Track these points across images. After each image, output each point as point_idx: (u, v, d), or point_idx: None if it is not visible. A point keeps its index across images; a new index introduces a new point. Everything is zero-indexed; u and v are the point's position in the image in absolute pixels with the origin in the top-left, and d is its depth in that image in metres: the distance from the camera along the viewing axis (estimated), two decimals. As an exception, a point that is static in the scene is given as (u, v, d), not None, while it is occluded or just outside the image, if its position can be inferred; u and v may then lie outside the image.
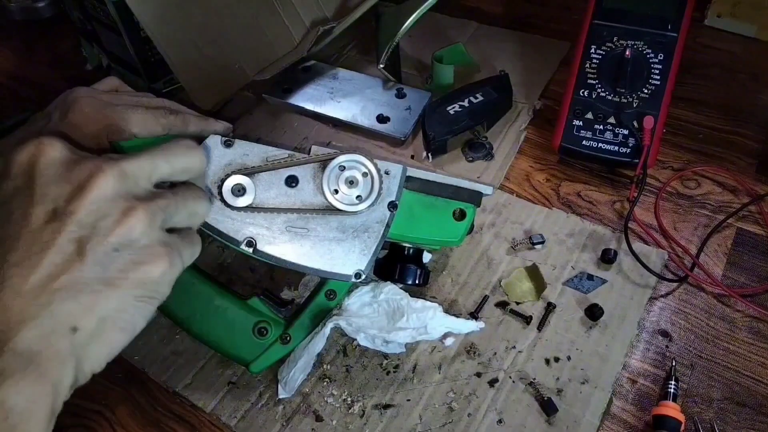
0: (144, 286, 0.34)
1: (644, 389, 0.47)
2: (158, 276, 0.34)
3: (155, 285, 0.35)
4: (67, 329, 0.31)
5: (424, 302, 0.48)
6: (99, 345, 0.33)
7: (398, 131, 0.66)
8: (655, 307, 0.52)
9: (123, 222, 0.33)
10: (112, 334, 0.33)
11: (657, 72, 0.59)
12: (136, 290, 0.34)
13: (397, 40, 0.65)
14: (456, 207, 0.48)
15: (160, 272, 0.34)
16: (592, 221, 0.58)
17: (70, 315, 0.31)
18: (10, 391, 0.29)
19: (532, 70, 0.74)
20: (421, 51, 0.76)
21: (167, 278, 0.36)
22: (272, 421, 0.47)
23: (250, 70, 0.68)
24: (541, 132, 0.67)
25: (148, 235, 0.34)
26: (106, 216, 0.33)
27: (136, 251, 0.34)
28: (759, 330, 0.50)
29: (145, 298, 0.34)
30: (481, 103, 0.64)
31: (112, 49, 0.72)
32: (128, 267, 0.33)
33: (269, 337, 0.46)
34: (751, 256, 0.55)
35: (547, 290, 0.52)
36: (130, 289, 0.33)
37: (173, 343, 0.51)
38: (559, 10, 0.84)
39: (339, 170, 0.45)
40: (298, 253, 0.45)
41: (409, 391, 0.48)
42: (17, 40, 0.90)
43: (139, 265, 0.34)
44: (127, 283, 0.33)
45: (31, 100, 0.43)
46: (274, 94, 0.70)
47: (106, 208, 0.33)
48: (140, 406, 0.49)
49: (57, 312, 0.30)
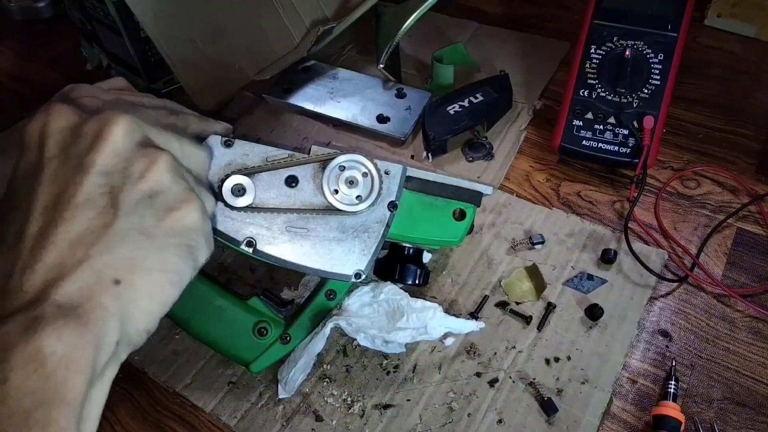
0: (181, 234, 0.33)
1: (644, 389, 0.47)
2: (193, 222, 0.34)
3: (192, 233, 0.34)
4: (109, 282, 0.30)
5: (424, 302, 0.48)
6: (146, 299, 0.31)
7: (398, 131, 0.66)
8: (655, 307, 0.52)
9: (151, 168, 0.32)
10: (158, 287, 0.32)
11: (657, 72, 0.59)
12: (174, 239, 0.33)
13: (397, 40, 0.65)
14: (456, 207, 0.48)
15: (195, 218, 0.34)
16: (592, 221, 0.58)
17: (111, 268, 0.30)
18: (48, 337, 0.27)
19: (532, 70, 0.74)
20: (421, 51, 0.76)
21: (202, 225, 0.35)
22: (272, 421, 0.47)
23: (250, 70, 0.68)
24: (541, 132, 0.67)
25: (177, 179, 0.33)
26: (132, 162, 0.32)
27: (168, 197, 0.33)
28: (759, 330, 0.50)
29: (183, 247, 0.33)
30: (481, 103, 0.64)
31: (112, 49, 0.72)
32: (163, 214, 0.32)
33: (269, 337, 0.46)
34: (751, 256, 0.55)
35: (547, 290, 0.52)
36: (168, 238, 0.32)
37: (173, 343, 0.51)
38: (559, 10, 0.84)
39: (339, 170, 0.45)
40: (298, 253, 0.45)
41: (409, 391, 0.48)
42: (17, 40, 0.90)
43: (173, 211, 0.33)
44: (164, 232, 0.32)
45: (31, 100, 0.43)
46: (274, 94, 0.70)
47: (129, 154, 0.32)
48: (140, 406, 0.49)
49: (97, 265, 0.29)
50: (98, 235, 0.30)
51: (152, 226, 0.32)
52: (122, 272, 0.30)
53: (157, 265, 0.32)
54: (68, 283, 0.29)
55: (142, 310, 0.31)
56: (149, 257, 0.31)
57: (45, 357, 0.27)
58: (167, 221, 0.32)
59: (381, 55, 0.67)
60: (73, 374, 0.27)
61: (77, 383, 0.27)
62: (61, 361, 0.27)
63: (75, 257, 0.29)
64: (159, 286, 0.32)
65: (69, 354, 0.27)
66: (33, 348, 0.27)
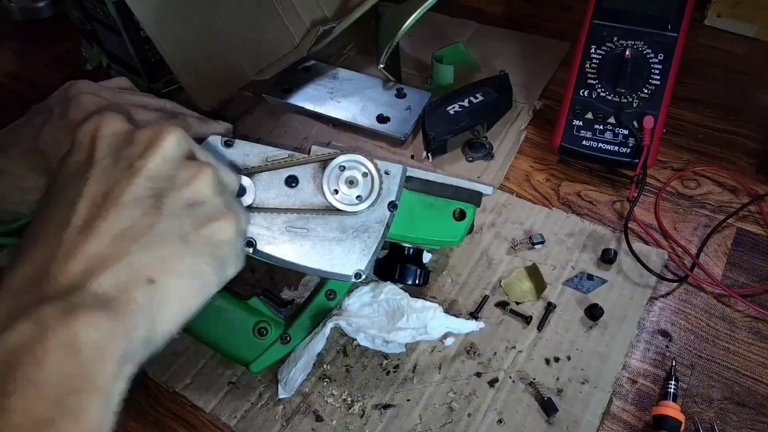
0: (215, 246, 0.34)
1: (644, 389, 0.47)
2: (228, 236, 0.35)
3: (226, 246, 0.35)
4: (144, 280, 0.30)
5: (424, 302, 0.48)
6: (174, 304, 0.32)
7: (398, 131, 0.66)
8: (655, 307, 0.52)
9: (196, 178, 0.34)
10: (186, 294, 0.32)
11: (657, 72, 0.59)
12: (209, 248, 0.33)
13: (397, 40, 0.65)
14: (456, 207, 0.48)
15: (230, 232, 0.35)
16: (592, 221, 0.58)
17: (148, 267, 0.31)
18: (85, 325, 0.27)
19: (532, 70, 0.74)
20: (421, 51, 0.76)
21: (235, 241, 0.35)
22: (272, 421, 0.47)
23: (250, 70, 0.68)
24: (541, 132, 0.67)
25: (218, 193, 0.35)
26: (178, 171, 0.33)
27: (208, 209, 0.34)
28: (759, 330, 0.50)
29: (216, 258, 0.34)
30: (481, 103, 0.64)
31: (112, 49, 0.72)
32: (201, 223, 0.33)
33: (269, 337, 0.46)
34: (751, 256, 0.55)
35: (547, 290, 0.52)
36: (204, 246, 0.33)
37: (173, 343, 0.51)
38: (559, 10, 0.84)
39: (339, 170, 0.45)
40: (298, 253, 0.45)
41: (409, 391, 0.48)
42: (17, 40, 0.90)
43: (212, 221, 0.34)
44: (201, 240, 0.33)
45: (31, 100, 0.43)
46: (274, 94, 0.70)
47: (177, 164, 0.34)
48: (140, 406, 0.49)
49: (135, 262, 0.30)
50: (141, 233, 0.31)
51: (190, 232, 0.33)
52: (158, 272, 0.31)
53: (189, 270, 0.32)
54: (106, 275, 0.29)
55: (170, 313, 0.32)
56: (184, 262, 0.32)
57: (80, 344, 0.27)
58: (205, 231, 0.33)
59: (381, 55, 0.67)
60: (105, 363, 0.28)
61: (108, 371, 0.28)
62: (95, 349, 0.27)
63: (116, 251, 0.30)
64: (188, 292, 0.33)
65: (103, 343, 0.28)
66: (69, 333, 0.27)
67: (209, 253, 0.34)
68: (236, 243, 0.36)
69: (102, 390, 0.28)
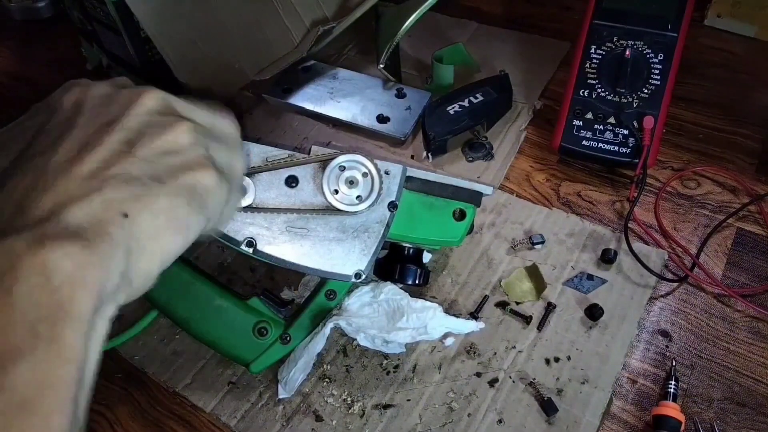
0: (194, 192, 0.33)
1: (644, 389, 0.47)
2: (208, 185, 0.34)
3: (206, 194, 0.34)
4: (118, 213, 0.30)
5: (424, 302, 0.48)
6: (150, 241, 0.31)
7: (398, 131, 0.66)
8: (655, 307, 0.52)
9: (170, 131, 0.34)
10: (164, 233, 0.32)
11: (657, 72, 0.59)
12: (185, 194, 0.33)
13: (397, 40, 0.65)
14: (456, 207, 0.48)
15: (209, 182, 0.34)
16: (592, 221, 0.58)
17: (121, 202, 0.30)
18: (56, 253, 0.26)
19: (532, 70, 0.74)
20: (421, 51, 0.76)
21: (217, 194, 0.35)
22: (272, 421, 0.47)
23: (250, 70, 0.68)
24: (541, 132, 0.67)
25: (195, 148, 0.34)
26: (153, 125, 0.33)
27: (184, 158, 0.34)
28: (759, 330, 0.50)
29: (194, 207, 0.33)
30: (481, 103, 0.64)
31: (112, 49, 0.72)
32: (178, 170, 0.33)
33: (269, 337, 0.46)
34: (751, 256, 0.55)
35: (547, 290, 0.52)
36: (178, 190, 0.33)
37: (173, 343, 0.51)
38: (559, 10, 0.84)
39: (339, 170, 0.45)
40: (298, 253, 0.45)
41: (409, 391, 0.48)
42: (17, 40, 0.90)
43: (189, 170, 0.33)
44: (177, 183, 0.33)
45: (31, 100, 0.43)
46: (274, 94, 0.70)
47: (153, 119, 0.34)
48: (140, 406, 0.49)
49: (107, 196, 0.30)
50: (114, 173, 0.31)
51: (165, 177, 0.33)
52: (131, 207, 0.30)
53: (165, 209, 0.32)
54: (77, 208, 0.29)
55: (147, 250, 0.31)
56: (159, 200, 0.32)
57: (51, 271, 0.26)
58: (181, 178, 0.33)
59: (381, 55, 0.67)
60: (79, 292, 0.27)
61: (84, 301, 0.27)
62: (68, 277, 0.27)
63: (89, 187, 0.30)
64: (164, 231, 0.32)
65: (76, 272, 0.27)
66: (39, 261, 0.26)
67: (186, 199, 0.33)
68: (217, 193, 0.35)
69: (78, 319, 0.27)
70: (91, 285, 0.27)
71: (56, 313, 0.26)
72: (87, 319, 0.27)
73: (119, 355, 0.51)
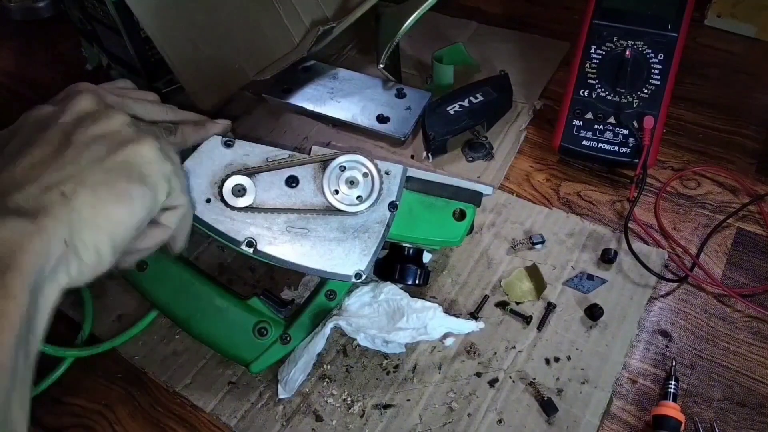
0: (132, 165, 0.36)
1: (644, 389, 0.47)
2: (147, 155, 0.37)
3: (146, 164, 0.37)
4: (57, 194, 0.33)
5: (424, 302, 0.48)
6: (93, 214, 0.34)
7: (398, 131, 0.66)
8: (655, 307, 0.52)
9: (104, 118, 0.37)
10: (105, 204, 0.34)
11: (657, 72, 0.59)
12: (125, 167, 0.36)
13: (397, 40, 0.65)
14: (456, 207, 0.48)
15: (148, 153, 0.37)
16: (592, 221, 0.58)
17: (59, 184, 0.33)
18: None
19: (532, 70, 0.74)
20: (421, 51, 0.76)
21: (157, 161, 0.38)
22: (272, 421, 0.47)
23: (250, 70, 0.68)
24: (541, 132, 0.67)
25: (128, 125, 0.38)
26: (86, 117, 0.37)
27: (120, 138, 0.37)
28: (759, 330, 0.50)
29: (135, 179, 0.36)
30: (481, 103, 0.64)
31: (112, 49, 0.72)
32: (115, 147, 0.36)
33: (269, 337, 0.46)
34: (751, 256, 0.55)
35: (547, 290, 0.52)
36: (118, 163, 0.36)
37: (173, 343, 0.51)
38: (559, 10, 0.84)
39: (339, 170, 0.45)
40: (299, 254, 0.45)
41: (409, 391, 0.48)
42: (17, 40, 0.90)
43: (125, 146, 0.36)
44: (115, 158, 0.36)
45: (31, 100, 0.43)
46: (274, 94, 0.70)
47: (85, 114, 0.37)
48: (140, 406, 0.49)
49: (46, 181, 0.33)
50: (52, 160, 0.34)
51: (103, 155, 0.36)
52: (68, 187, 0.33)
53: (102, 182, 0.35)
54: (19, 194, 0.32)
55: (89, 222, 0.34)
56: (95, 176, 0.35)
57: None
58: (119, 154, 0.36)
59: (381, 55, 0.67)
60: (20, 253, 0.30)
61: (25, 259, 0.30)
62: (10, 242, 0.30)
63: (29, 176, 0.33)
64: (105, 202, 0.34)
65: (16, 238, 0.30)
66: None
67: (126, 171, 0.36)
68: (159, 163, 0.38)
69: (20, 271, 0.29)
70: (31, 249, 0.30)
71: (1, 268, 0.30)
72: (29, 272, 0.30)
73: (119, 355, 0.51)
